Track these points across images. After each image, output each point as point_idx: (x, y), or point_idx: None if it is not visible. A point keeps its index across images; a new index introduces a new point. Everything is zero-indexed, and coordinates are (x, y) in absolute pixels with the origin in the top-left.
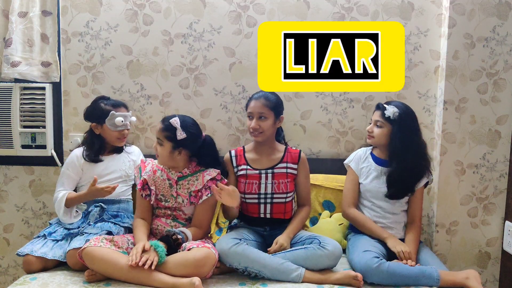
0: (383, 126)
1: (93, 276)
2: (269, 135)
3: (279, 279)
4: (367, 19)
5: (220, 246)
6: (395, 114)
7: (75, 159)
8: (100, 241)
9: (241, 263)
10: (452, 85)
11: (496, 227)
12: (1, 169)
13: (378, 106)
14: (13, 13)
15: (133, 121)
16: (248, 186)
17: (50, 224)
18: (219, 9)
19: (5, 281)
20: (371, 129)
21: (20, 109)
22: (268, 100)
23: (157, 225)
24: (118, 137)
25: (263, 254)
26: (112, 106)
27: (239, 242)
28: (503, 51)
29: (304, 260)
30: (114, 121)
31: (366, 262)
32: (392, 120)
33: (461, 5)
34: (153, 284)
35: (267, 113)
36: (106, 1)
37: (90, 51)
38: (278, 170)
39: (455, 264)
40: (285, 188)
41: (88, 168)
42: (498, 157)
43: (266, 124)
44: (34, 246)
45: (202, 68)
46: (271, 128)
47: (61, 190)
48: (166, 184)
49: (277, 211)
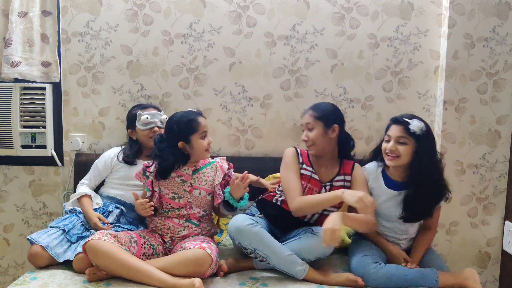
0: (408, 142)
1: (94, 275)
2: (323, 147)
3: (284, 269)
4: (367, 19)
5: (236, 223)
6: (422, 129)
7: (108, 157)
8: (104, 235)
9: (252, 244)
10: (452, 85)
11: (496, 227)
12: (1, 169)
13: (397, 121)
14: (13, 13)
15: (163, 119)
16: (308, 191)
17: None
18: (219, 9)
19: (5, 281)
20: (394, 147)
21: (20, 109)
22: (316, 110)
23: (169, 226)
24: (150, 136)
25: (275, 241)
26: (140, 108)
27: (255, 223)
28: (503, 51)
29: (299, 250)
30: (141, 120)
31: (364, 268)
32: (417, 136)
33: (461, 5)
34: (153, 283)
35: (314, 123)
36: (106, 1)
37: (90, 51)
38: (336, 183)
39: (455, 264)
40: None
41: (118, 169)
42: (498, 157)
43: (313, 134)
44: (51, 241)
45: (202, 68)
46: (321, 138)
47: (85, 182)
48: (176, 182)
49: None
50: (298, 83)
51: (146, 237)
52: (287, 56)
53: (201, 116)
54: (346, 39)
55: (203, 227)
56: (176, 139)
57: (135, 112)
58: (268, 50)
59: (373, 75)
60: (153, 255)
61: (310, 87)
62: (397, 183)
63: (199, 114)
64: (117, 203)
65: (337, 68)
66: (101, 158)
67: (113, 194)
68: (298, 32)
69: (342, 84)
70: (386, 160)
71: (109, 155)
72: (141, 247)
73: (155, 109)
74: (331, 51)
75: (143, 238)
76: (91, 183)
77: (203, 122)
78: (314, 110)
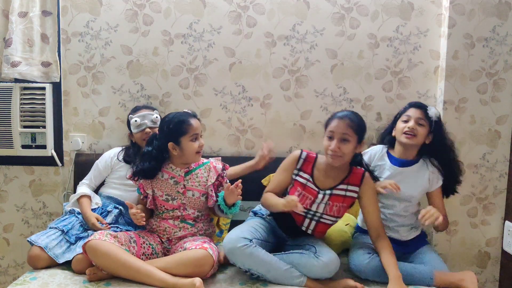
0: (425, 125)
1: (94, 275)
2: (347, 161)
3: (281, 283)
4: (367, 19)
5: (229, 244)
6: (437, 115)
7: (108, 156)
8: (104, 236)
9: (245, 265)
10: (452, 85)
11: (496, 227)
12: (1, 169)
13: (417, 105)
14: (13, 13)
15: (155, 119)
16: (302, 199)
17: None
18: (219, 9)
19: (5, 281)
20: (414, 126)
21: (20, 109)
22: (353, 122)
23: (164, 227)
24: (143, 138)
25: (269, 258)
26: (133, 111)
27: (249, 244)
28: (503, 51)
29: (298, 265)
30: (132, 123)
31: (358, 259)
32: (432, 122)
33: (461, 5)
34: (154, 283)
35: (351, 136)
36: (106, 1)
37: (90, 51)
38: (336, 192)
39: (455, 264)
40: (337, 212)
41: (118, 168)
42: (498, 157)
43: (347, 147)
44: (50, 242)
45: (202, 68)
46: (351, 153)
47: (86, 182)
48: (169, 183)
49: (320, 230)
50: (298, 83)
51: (145, 237)
52: (287, 56)
53: (194, 118)
54: (346, 39)
55: (199, 227)
56: (166, 139)
57: (128, 116)
58: (268, 50)
59: (373, 75)
60: (153, 255)
61: (310, 87)
62: (403, 161)
63: (192, 115)
64: (116, 203)
65: (337, 68)
66: (102, 158)
67: (113, 194)
68: (298, 32)
69: (342, 84)
70: (402, 139)
71: (110, 155)
72: (141, 247)
73: (148, 109)
74: (331, 51)
75: (142, 238)
76: (91, 183)
77: (195, 124)
78: (352, 121)
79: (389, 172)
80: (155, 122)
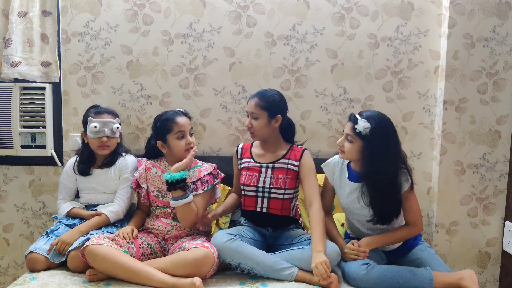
0: (354, 141)
1: (94, 276)
2: (265, 135)
3: (271, 276)
4: (367, 19)
5: (215, 241)
6: (366, 129)
7: (68, 169)
8: (102, 239)
9: (234, 259)
10: (452, 85)
11: (496, 227)
12: (1, 169)
13: (350, 118)
14: (13, 13)
15: (115, 128)
16: (248, 178)
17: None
18: (219, 9)
19: (5, 281)
20: (341, 143)
21: (20, 109)
22: (262, 100)
23: (157, 226)
24: (98, 145)
25: (257, 251)
26: (94, 113)
27: (234, 238)
28: (503, 51)
29: (300, 260)
30: (89, 127)
31: (354, 270)
32: (362, 136)
33: (461, 5)
34: (153, 284)
35: (259, 113)
36: (106, 1)
37: (90, 51)
38: (278, 165)
39: (455, 264)
40: (283, 184)
41: (80, 179)
42: (498, 157)
43: (257, 123)
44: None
45: (202, 68)
46: (265, 128)
47: (61, 200)
48: (161, 180)
49: (274, 206)
50: (298, 83)
51: (142, 237)
52: (287, 56)
53: (183, 116)
54: (346, 39)
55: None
56: (155, 138)
57: (88, 115)
58: (268, 50)
59: (373, 75)
60: (152, 254)
61: (310, 87)
62: (357, 175)
63: (180, 114)
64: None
65: (337, 68)
66: (63, 173)
67: (90, 200)
68: (298, 32)
69: (342, 84)
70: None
71: (69, 167)
72: (139, 248)
73: (110, 116)
74: (331, 51)
75: (140, 238)
76: (66, 199)
77: (181, 122)
78: (260, 99)
79: (348, 189)
80: (115, 132)
